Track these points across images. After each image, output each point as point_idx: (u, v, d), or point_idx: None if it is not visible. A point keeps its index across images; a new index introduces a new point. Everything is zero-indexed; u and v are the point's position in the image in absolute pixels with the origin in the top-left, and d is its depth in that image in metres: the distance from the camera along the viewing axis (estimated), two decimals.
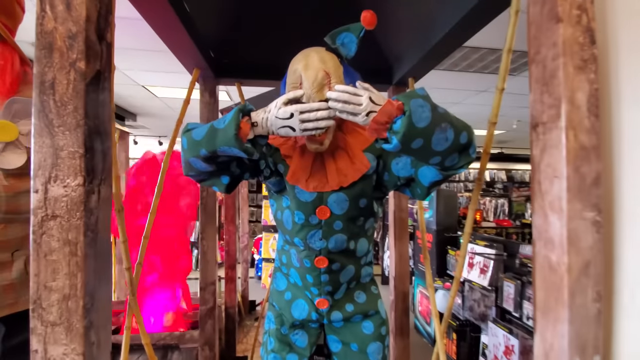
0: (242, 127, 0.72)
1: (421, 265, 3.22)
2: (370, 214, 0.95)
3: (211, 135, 0.74)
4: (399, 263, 1.60)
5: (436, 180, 0.82)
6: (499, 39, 2.57)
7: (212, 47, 1.47)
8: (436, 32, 1.23)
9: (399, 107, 0.68)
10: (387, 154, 0.91)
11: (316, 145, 0.85)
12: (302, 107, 0.74)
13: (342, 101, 0.71)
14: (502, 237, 3.20)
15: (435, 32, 1.23)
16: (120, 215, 0.94)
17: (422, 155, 0.72)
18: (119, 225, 0.95)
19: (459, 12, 1.07)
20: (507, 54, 0.91)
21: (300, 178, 0.89)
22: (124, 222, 0.96)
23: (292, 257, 0.99)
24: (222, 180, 0.86)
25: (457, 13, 1.08)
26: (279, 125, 0.75)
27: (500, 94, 0.93)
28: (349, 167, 0.89)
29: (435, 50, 1.29)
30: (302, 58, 0.82)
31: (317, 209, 0.90)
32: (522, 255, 2.07)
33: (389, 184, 0.93)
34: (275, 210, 1.01)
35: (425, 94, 0.69)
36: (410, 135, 0.66)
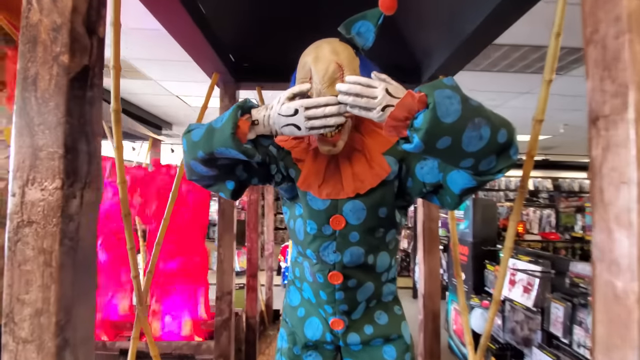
0: (240, 126, 0.66)
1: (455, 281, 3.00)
2: (391, 224, 0.85)
3: (208, 135, 0.68)
4: (429, 279, 1.46)
5: (469, 188, 0.70)
6: (541, 35, 2.36)
7: (232, 51, 1.44)
8: (467, 23, 1.12)
9: (421, 99, 0.57)
10: (411, 157, 0.80)
11: (328, 146, 0.76)
12: (308, 102, 0.66)
13: (353, 94, 0.63)
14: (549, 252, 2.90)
15: (467, 24, 1.12)
16: (127, 221, 0.91)
17: (451, 158, 0.61)
18: (126, 231, 0.92)
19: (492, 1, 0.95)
20: (555, 39, 0.78)
21: (312, 184, 0.81)
22: (131, 227, 0.92)
23: (305, 271, 0.91)
24: (227, 185, 0.80)
25: (490, 2, 0.96)
26: (282, 123, 0.68)
27: (547, 87, 0.80)
28: (367, 171, 0.79)
29: (467, 45, 1.17)
30: (312, 50, 0.75)
31: (331, 218, 0.81)
32: (573, 273, 1.84)
33: (414, 192, 0.82)
34: (288, 219, 0.93)
35: (454, 84, 0.59)
36: (435, 132, 0.56)
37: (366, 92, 0.62)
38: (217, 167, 0.73)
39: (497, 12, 0.93)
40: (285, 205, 0.95)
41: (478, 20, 0.99)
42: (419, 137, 0.56)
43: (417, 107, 0.58)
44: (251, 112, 0.69)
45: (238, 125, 0.65)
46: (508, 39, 2.46)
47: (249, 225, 2.15)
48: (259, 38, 1.45)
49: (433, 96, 0.56)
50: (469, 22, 1.05)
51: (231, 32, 1.37)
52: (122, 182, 0.86)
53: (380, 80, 0.63)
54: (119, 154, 0.86)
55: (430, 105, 0.56)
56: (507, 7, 0.94)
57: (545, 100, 0.81)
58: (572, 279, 1.85)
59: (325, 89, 0.71)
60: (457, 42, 1.14)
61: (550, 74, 0.79)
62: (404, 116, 0.59)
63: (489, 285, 2.73)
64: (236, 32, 1.40)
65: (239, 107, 0.67)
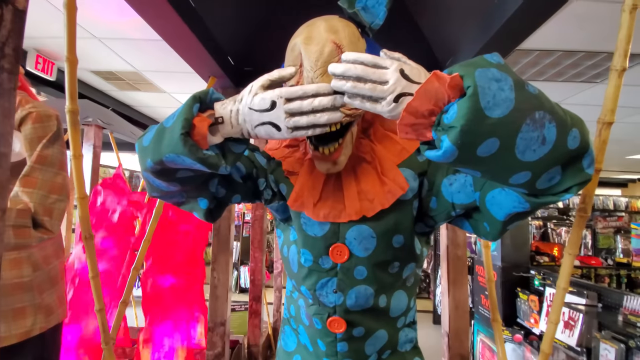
0: (196, 125, 0.49)
1: (482, 308, 2.71)
2: (409, 257, 0.66)
3: (157, 137, 0.52)
4: (455, 315, 1.24)
5: (518, 213, 0.51)
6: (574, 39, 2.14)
7: (231, 54, 1.31)
8: (498, 17, 0.94)
9: (453, 83, 0.40)
10: (435, 169, 0.62)
11: (327, 165, 0.60)
12: (289, 92, 0.49)
13: (353, 78, 0.45)
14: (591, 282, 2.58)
15: (497, 17, 0.94)
16: (88, 244, 0.75)
17: (497, 170, 0.43)
18: (88, 257, 0.76)
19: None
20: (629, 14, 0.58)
21: (306, 202, 0.63)
22: (93, 252, 0.77)
23: (301, 311, 0.73)
24: (200, 204, 0.63)
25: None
26: (255, 121, 0.50)
27: (620, 78, 0.60)
28: (377, 188, 0.61)
29: (497, 41, 0.99)
30: (303, 29, 0.59)
31: (331, 248, 0.63)
32: (627, 310, 1.55)
33: (439, 215, 0.63)
34: (281, 245, 0.76)
35: (502, 62, 0.41)
36: (476, 132, 0.38)
37: (372, 74, 0.44)
38: (180, 181, 0.57)
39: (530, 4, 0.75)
40: (279, 227, 0.78)
41: (510, 11, 0.81)
42: (452, 139, 0.38)
43: (447, 95, 0.40)
44: (214, 106, 0.53)
45: (193, 124, 0.49)
46: (538, 42, 2.25)
47: (253, 243, 1.99)
48: (261, 39, 1.32)
49: (473, 78, 0.38)
50: (501, 13, 0.88)
51: (230, 34, 1.24)
52: (81, 198, 0.72)
53: (392, 59, 0.45)
54: (77, 164, 0.71)
55: (468, 92, 0.38)
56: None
57: (616, 96, 0.61)
58: (627, 316, 1.57)
59: (319, 77, 0.55)
60: (486, 36, 0.96)
61: (625, 60, 0.60)
62: (427, 109, 0.41)
63: (522, 316, 2.42)
64: (236, 33, 1.27)
65: (196, 100, 0.50)
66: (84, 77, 3.17)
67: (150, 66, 2.90)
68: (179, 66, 2.80)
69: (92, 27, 2.29)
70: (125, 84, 3.28)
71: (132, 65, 2.87)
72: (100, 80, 3.21)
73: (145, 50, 2.60)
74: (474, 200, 0.57)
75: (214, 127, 0.51)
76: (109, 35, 2.41)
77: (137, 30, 2.31)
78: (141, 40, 2.46)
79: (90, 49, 2.57)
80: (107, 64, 2.87)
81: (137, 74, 3.03)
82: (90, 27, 2.28)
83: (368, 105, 0.45)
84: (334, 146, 0.58)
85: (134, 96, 3.69)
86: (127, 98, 3.77)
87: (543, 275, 2.36)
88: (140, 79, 3.17)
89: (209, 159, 0.49)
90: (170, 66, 2.85)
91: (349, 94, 0.46)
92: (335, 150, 0.59)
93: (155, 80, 3.20)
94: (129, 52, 2.64)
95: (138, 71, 2.99)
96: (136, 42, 2.49)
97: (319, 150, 0.59)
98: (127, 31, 2.35)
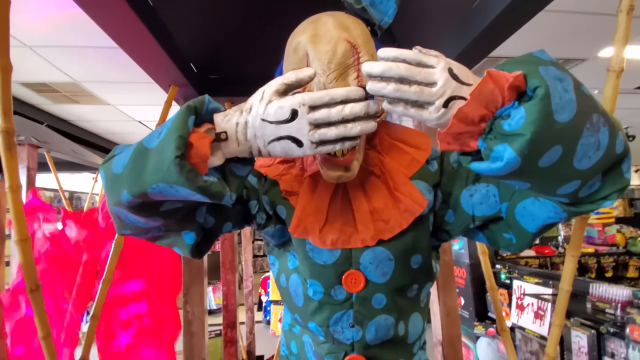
0: (194, 144, 0.39)
1: None
2: (428, 277, 0.60)
3: (137, 161, 0.41)
4: (447, 322, 1.21)
5: (552, 223, 0.47)
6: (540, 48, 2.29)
7: (194, 60, 1.19)
8: (475, 24, 0.94)
9: (515, 83, 0.34)
10: (450, 179, 0.57)
11: (338, 171, 0.51)
12: (314, 98, 0.41)
13: (395, 79, 0.38)
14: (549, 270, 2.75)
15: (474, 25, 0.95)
16: (35, 297, 0.60)
17: (550, 180, 0.38)
18: (36, 315, 0.60)
19: None
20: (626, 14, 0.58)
21: (311, 227, 0.55)
22: (42, 307, 0.61)
23: (307, 348, 0.63)
24: (185, 238, 0.52)
25: None
26: (269, 135, 0.42)
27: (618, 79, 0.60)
28: (391, 206, 0.55)
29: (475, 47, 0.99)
30: (307, 26, 0.51)
31: (344, 276, 0.55)
32: (594, 297, 1.65)
33: (455, 228, 0.58)
34: (277, 273, 0.66)
35: (553, 59, 0.36)
36: (544, 139, 0.33)
37: (417, 74, 0.37)
38: (164, 215, 0.46)
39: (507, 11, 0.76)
40: (272, 254, 0.68)
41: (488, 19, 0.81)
42: (517, 148, 0.33)
43: (502, 97, 0.34)
44: (214, 118, 0.43)
45: (190, 142, 0.38)
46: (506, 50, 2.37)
47: (224, 264, 1.83)
48: (228, 44, 1.21)
49: (540, 76, 0.33)
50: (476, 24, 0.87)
51: (193, 38, 1.12)
52: (21, 241, 0.56)
53: (434, 56, 0.39)
54: (15, 199, 0.55)
55: (538, 93, 0.32)
56: None
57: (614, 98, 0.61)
58: (594, 303, 1.66)
59: (333, 82, 0.47)
60: (462, 44, 0.95)
61: (621, 62, 0.60)
62: (479, 115, 0.35)
63: (492, 311, 2.51)
64: (200, 38, 1.15)
65: (191, 110, 0.40)
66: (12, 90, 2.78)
67: (90, 76, 2.62)
68: (125, 75, 2.56)
69: (22, 34, 2.01)
70: (62, 96, 2.94)
71: (69, 75, 2.57)
72: (31, 93, 2.84)
73: (84, 59, 2.33)
74: (497, 212, 0.53)
75: (215, 145, 0.41)
76: (42, 42, 2.13)
77: (75, 36, 2.07)
78: (80, 48, 2.20)
79: (20, 58, 2.25)
80: (39, 75, 2.54)
81: (75, 84, 2.72)
82: (20, 33, 2.00)
83: (413, 111, 0.38)
84: (349, 148, 0.50)
85: (71, 110, 3.32)
86: (63, 112, 3.38)
87: (508, 269, 2.47)
88: (79, 91, 2.85)
89: (212, 187, 0.39)
90: (115, 75, 2.59)
91: (390, 98, 0.38)
92: (349, 152, 0.50)
93: (97, 92, 2.90)
94: (65, 61, 2.36)
95: (77, 82, 2.68)
96: (74, 50, 2.23)
97: (333, 153, 0.50)
98: (63, 38, 2.09)
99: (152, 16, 0.90)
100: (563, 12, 1.94)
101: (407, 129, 0.62)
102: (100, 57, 2.31)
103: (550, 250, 3.20)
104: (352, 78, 0.48)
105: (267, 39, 1.17)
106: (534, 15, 0.83)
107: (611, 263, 3.09)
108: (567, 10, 1.92)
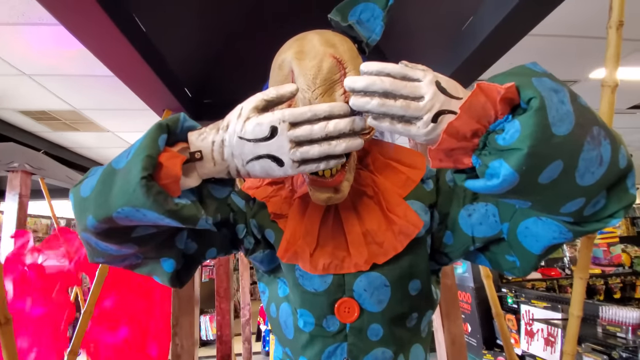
0: (164, 165, 0.36)
1: None
2: (428, 304, 0.56)
3: (104, 184, 0.38)
4: (452, 351, 1.14)
5: (557, 244, 0.44)
6: None
7: (188, 85, 1.19)
8: (465, 45, 0.95)
9: (507, 96, 0.32)
10: (447, 199, 0.54)
11: (327, 194, 0.49)
12: (295, 114, 0.39)
13: (379, 93, 0.36)
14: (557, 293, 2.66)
15: (465, 45, 0.95)
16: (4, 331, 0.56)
17: (552, 199, 0.36)
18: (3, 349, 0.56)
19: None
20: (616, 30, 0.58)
21: (301, 251, 0.52)
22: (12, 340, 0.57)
23: None
24: (163, 265, 0.48)
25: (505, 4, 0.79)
26: (248, 154, 0.39)
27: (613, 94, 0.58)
28: (385, 228, 0.52)
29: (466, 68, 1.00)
30: (293, 43, 0.50)
31: (337, 304, 0.52)
32: (605, 320, 1.58)
33: (455, 251, 0.55)
34: (267, 303, 0.62)
35: (546, 71, 0.34)
36: (543, 154, 0.31)
37: (403, 88, 0.35)
38: (137, 242, 0.42)
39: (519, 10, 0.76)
40: (262, 281, 0.64)
41: (491, 25, 0.81)
42: (514, 164, 0.31)
43: (494, 111, 0.32)
44: (188, 137, 0.41)
45: (160, 162, 0.36)
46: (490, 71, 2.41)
47: (219, 292, 1.76)
48: (223, 68, 1.22)
49: (533, 87, 0.31)
50: (479, 27, 0.87)
51: (187, 63, 1.13)
52: None
53: (421, 69, 0.37)
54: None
55: (532, 104, 0.30)
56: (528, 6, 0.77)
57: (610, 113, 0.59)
58: (605, 326, 1.59)
59: (319, 98, 0.45)
60: (463, 53, 0.95)
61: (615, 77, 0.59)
62: (471, 129, 0.33)
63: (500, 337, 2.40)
64: (194, 62, 1.16)
65: (162, 129, 0.37)
66: (10, 118, 2.81)
67: (90, 104, 2.65)
68: (125, 102, 2.59)
69: (22, 63, 2.05)
70: (61, 124, 2.96)
71: (69, 103, 2.60)
72: (30, 121, 2.86)
73: (84, 87, 2.37)
74: (498, 232, 0.50)
75: (189, 166, 0.39)
76: (42, 71, 2.16)
77: (75, 65, 2.11)
78: (79, 76, 2.24)
79: (19, 87, 2.29)
80: (39, 103, 2.57)
81: (75, 112, 2.75)
82: (19, 63, 2.03)
83: (399, 127, 0.36)
84: (337, 168, 0.48)
85: (71, 137, 3.34)
86: (62, 139, 3.40)
87: (515, 293, 2.39)
88: (78, 118, 2.88)
89: (184, 210, 0.36)
90: (114, 102, 2.62)
91: (375, 114, 0.37)
92: (338, 172, 0.48)
93: (97, 119, 2.93)
94: (65, 89, 2.39)
95: (76, 110, 2.71)
96: (73, 78, 2.26)
97: (318, 172, 0.48)
98: (63, 67, 2.13)
99: (144, 40, 0.90)
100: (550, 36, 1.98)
101: (401, 148, 0.60)
102: (99, 85, 2.34)
103: (557, 272, 3.11)
104: (338, 94, 0.47)
105: (262, 63, 1.18)
106: (524, 34, 0.84)
107: (618, 284, 3.01)
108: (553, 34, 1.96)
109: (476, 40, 0.91)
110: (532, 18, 0.81)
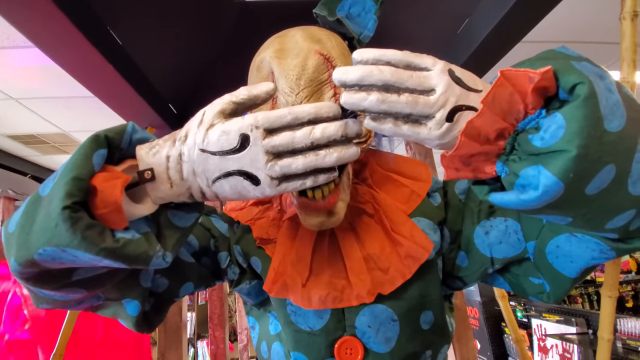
0: (98, 189, 0.28)
1: None
2: (442, 337, 0.48)
3: (27, 216, 0.30)
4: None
5: (595, 265, 0.37)
6: None
7: (173, 101, 1.13)
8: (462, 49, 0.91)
9: (542, 83, 0.25)
10: (457, 214, 0.47)
11: (319, 218, 0.41)
12: (271, 117, 0.31)
13: (378, 87, 0.28)
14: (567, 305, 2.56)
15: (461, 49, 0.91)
16: None
17: (598, 212, 0.29)
18: None
19: None
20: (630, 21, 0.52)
21: (291, 282, 0.44)
22: None
23: None
24: (127, 308, 0.40)
25: None
26: (213, 171, 0.31)
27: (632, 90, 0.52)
28: (389, 251, 0.44)
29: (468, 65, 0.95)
30: (272, 41, 0.44)
31: (337, 345, 0.44)
32: (624, 334, 1.48)
33: (471, 275, 0.47)
34: (257, 340, 0.54)
35: (582, 55, 0.28)
36: (595, 156, 0.24)
37: (407, 78, 0.28)
38: (83, 285, 0.34)
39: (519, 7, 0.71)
40: (251, 315, 0.56)
41: (492, 23, 0.77)
42: (559, 171, 0.24)
43: (527, 104, 0.26)
44: (136, 151, 0.33)
45: (93, 186, 0.28)
46: None
47: (212, 319, 1.66)
48: (208, 83, 1.16)
49: (578, 72, 0.24)
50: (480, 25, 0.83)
51: (170, 79, 1.08)
52: None
53: (430, 57, 0.30)
54: None
55: (579, 92, 0.24)
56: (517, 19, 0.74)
57: None
58: (625, 341, 1.49)
59: (304, 101, 0.39)
60: (463, 54, 0.90)
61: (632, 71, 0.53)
62: (495, 129, 0.26)
63: (513, 354, 2.29)
64: (177, 78, 1.11)
65: (100, 142, 0.29)
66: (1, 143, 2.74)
67: (78, 126, 2.59)
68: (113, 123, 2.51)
69: (8, 88, 2.01)
70: (50, 147, 2.89)
71: (57, 126, 2.54)
72: (18, 145, 2.79)
73: (71, 109, 2.32)
74: (522, 252, 0.43)
75: (140, 189, 0.31)
76: (29, 95, 2.12)
77: (62, 87, 2.06)
78: (67, 98, 2.19)
79: (7, 111, 2.24)
80: (27, 127, 2.52)
81: (63, 135, 2.69)
82: (6, 87, 1.99)
83: (406, 129, 0.28)
84: (329, 187, 0.40)
85: (60, 160, 3.27)
86: (51, 163, 3.32)
87: (524, 306, 2.29)
88: (67, 141, 2.81)
89: (128, 248, 0.28)
90: (103, 124, 2.53)
91: (374, 113, 0.29)
92: (331, 193, 0.40)
93: None
94: (53, 112, 2.34)
95: (65, 132, 2.65)
96: (61, 101, 2.21)
97: (307, 194, 0.40)
98: (50, 89, 2.08)
99: (122, 57, 0.85)
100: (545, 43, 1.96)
101: (402, 158, 0.53)
102: (87, 106, 2.29)
103: None
104: (328, 97, 0.40)
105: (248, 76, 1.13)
106: (521, 38, 0.80)
107: (630, 292, 2.91)
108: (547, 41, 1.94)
109: (472, 45, 0.87)
110: (526, 22, 0.77)
